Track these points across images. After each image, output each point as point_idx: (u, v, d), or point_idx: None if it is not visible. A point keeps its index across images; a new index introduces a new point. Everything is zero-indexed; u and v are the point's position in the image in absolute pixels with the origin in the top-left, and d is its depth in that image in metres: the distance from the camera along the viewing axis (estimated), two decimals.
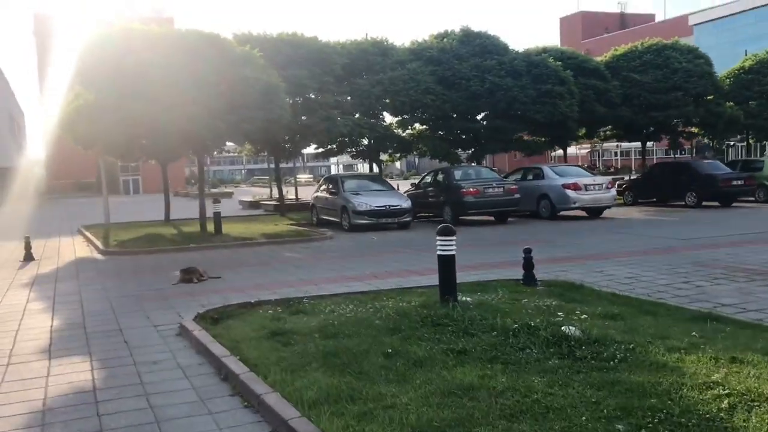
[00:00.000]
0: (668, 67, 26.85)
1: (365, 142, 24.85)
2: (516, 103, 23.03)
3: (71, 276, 12.23)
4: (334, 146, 24.94)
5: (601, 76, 26.43)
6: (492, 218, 20.31)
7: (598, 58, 28.33)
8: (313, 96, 21.83)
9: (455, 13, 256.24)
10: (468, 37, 24.31)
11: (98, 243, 16.81)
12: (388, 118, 24.80)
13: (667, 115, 26.58)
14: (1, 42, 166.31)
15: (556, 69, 23.99)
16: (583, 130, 28.30)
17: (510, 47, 25.01)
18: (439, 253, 7.44)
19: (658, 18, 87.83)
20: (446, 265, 7.41)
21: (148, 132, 15.94)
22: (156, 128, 15.77)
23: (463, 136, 24.12)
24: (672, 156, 40.61)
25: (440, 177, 20.78)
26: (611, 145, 60.91)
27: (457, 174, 19.94)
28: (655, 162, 36.98)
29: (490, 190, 19.19)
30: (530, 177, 21.11)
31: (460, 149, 25.26)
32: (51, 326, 7.99)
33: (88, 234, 19.67)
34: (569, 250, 13.23)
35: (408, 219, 19.02)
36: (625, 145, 62.43)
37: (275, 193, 36.95)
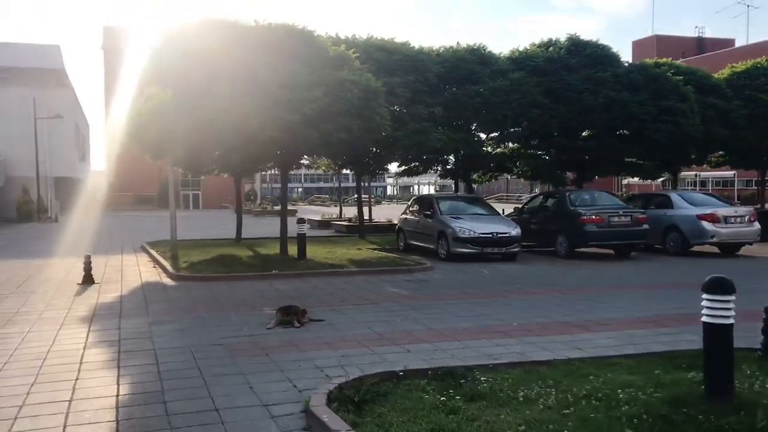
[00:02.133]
0: None
1: (452, 159, 22.36)
2: (634, 121, 20.21)
3: (138, 308, 10.00)
4: (417, 163, 22.50)
5: (722, 94, 23.36)
6: (611, 252, 17.50)
7: (715, 76, 25.22)
8: (402, 107, 19.48)
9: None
10: (576, 46, 21.67)
11: (167, 264, 14.68)
12: (480, 134, 22.21)
13: None
14: (70, 56, 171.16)
15: (677, 84, 21.11)
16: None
17: (621, 58, 22.26)
18: (706, 320, 4.82)
19: (738, 43, 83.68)
20: (720, 340, 4.77)
21: (231, 138, 13.76)
22: (240, 134, 13.60)
23: (567, 157, 21.28)
24: None
25: (551, 201, 18.09)
26: (689, 173, 56.87)
27: (574, 198, 17.20)
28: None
29: (616, 218, 16.39)
30: (653, 206, 18.17)
31: (560, 171, 22.37)
32: (117, 398, 5.64)
33: (153, 252, 17.64)
34: None
35: (516, 250, 16.37)
36: (704, 174, 58.38)
37: (346, 212, 34.87)
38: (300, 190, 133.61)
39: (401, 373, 5.85)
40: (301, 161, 19.23)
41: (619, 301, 10.37)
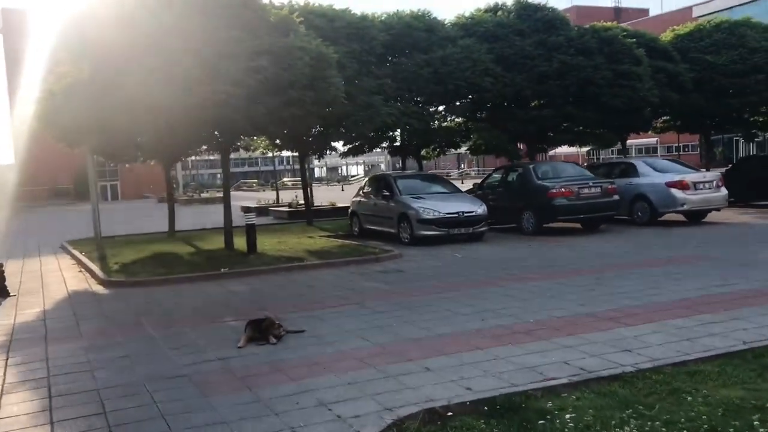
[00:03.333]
0: (744, 47, 23.32)
1: (399, 135, 20.92)
2: (590, 86, 19.30)
3: (68, 328, 8.15)
4: (362, 141, 20.90)
5: (669, 57, 22.81)
6: (576, 225, 16.55)
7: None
8: (349, 80, 17.84)
9: None
10: (525, 10, 20.53)
11: (95, 268, 12.69)
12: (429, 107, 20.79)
13: (746, 102, 23.03)
14: None
15: (630, 47, 20.33)
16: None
17: (571, 23, 21.30)
18: None
19: (653, 12, 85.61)
20: None
21: (161, 120, 11.86)
22: (172, 115, 11.72)
23: (522, 128, 20.13)
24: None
25: (513, 176, 16.93)
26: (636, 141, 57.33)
27: (539, 171, 16.08)
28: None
29: (586, 190, 15.38)
30: (615, 175, 17.27)
31: (516, 143, 21.23)
32: None
33: (77, 253, 15.49)
34: None
35: (483, 229, 15.17)
36: (639, 141, 59.13)
37: (282, 197, 32.89)
38: (219, 176, 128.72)
39: (441, 411, 4.42)
40: (239, 143, 17.39)
41: (627, 283, 9.23)
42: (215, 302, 9.35)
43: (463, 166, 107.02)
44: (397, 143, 21.41)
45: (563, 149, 42.68)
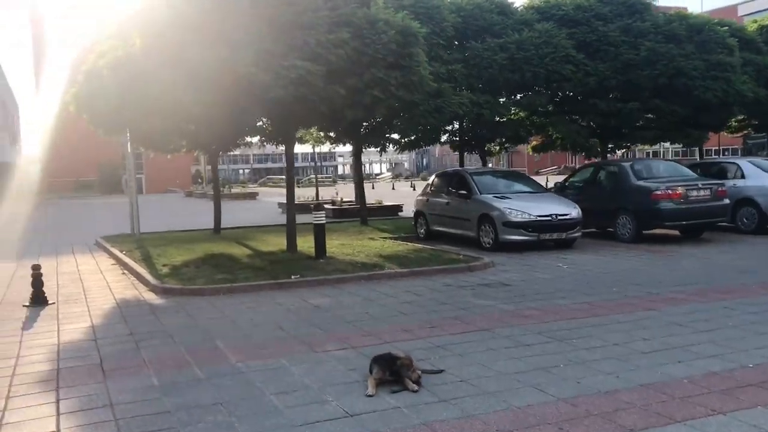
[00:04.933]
0: None
1: (459, 127, 19.05)
2: (680, 77, 17.31)
3: (127, 354, 6.44)
4: (416, 135, 19.04)
5: (758, 49, 20.76)
6: (674, 233, 14.66)
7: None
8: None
9: None
10: None
11: (142, 271, 11.03)
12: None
13: None
14: None
15: (723, 35, 18.32)
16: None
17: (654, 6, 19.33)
18: None
19: (692, 11, 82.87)
20: None
21: (226, 98, 10.13)
22: (240, 93, 10.01)
23: (604, 121, 18.12)
24: None
25: (605, 174, 15.05)
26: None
27: (639, 170, 14.18)
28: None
29: (695, 193, 13.47)
30: (714, 175, 15.29)
31: (597, 138, 19.11)
32: None
33: (116, 252, 13.87)
34: None
35: (577, 235, 13.34)
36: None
37: (324, 194, 31.15)
38: (248, 171, 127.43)
39: None
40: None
41: None
42: (300, 320, 7.61)
43: (490, 164, 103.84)
44: (456, 137, 19.57)
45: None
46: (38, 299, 9.05)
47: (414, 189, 50.10)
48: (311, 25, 9.96)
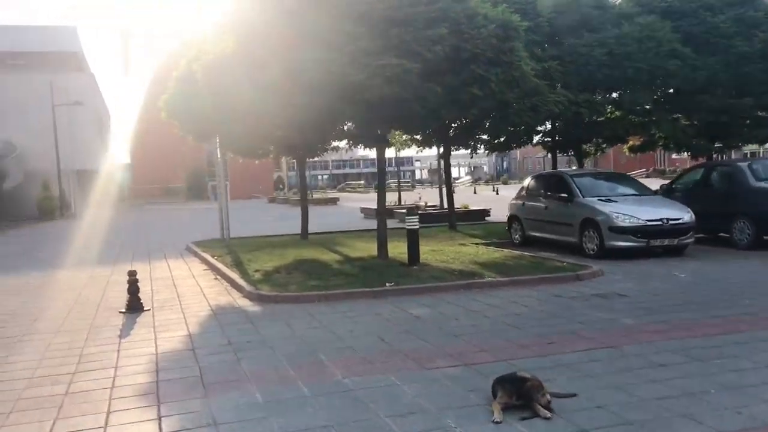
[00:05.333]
0: None
1: (558, 126, 18.09)
2: None
3: (228, 366, 6.10)
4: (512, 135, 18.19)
5: None
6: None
7: None
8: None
9: None
10: None
11: (235, 276, 10.84)
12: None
13: None
14: (87, 43, 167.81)
15: None
16: None
17: None
18: None
19: None
20: None
21: (320, 101, 9.79)
22: (333, 95, 9.65)
23: (713, 119, 16.80)
24: None
25: (717, 176, 13.95)
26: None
27: (756, 170, 13.02)
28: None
29: None
30: None
31: (706, 138, 17.73)
32: None
33: (207, 257, 13.82)
34: None
35: (689, 240, 12.34)
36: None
37: (406, 199, 30.77)
38: (325, 177, 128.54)
39: None
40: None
41: None
42: (402, 332, 7.12)
43: (573, 167, 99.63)
44: (548, 138, 18.70)
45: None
46: (134, 305, 8.93)
47: (497, 193, 49.08)
48: (407, 21, 9.50)
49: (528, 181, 15.33)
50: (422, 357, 6.06)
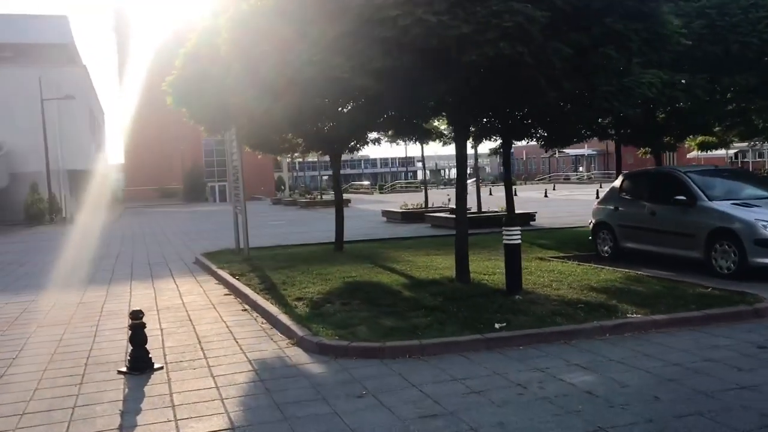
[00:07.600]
0: None
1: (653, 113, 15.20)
2: None
3: None
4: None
5: None
6: None
7: None
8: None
9: None
10: None
11: (274, 310, 7.99)
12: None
13: None
14: (80, 34, 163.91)
15: None
16: None
17: None
18: None
19: None
20: None
21: (399, 69, 6.95)
22: (422, 58, 6.82)
23: None
24: None
25: None
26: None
27: None
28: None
29: None
30: None
31: None
32: None
33: (226, 276, 10.98)
34: None
35: None
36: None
37: (433, 200, 27.83)
38: (325, 178, 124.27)
39: None
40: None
41: None
42: (583, 426, 4.30)
43: (581, 168, 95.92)
44: (626, 130, 15.86)
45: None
46: (140, 362, 6.09)
47: (515, 194, 46.25)
48: None
49: (620, 181, 12.48)
50: None
